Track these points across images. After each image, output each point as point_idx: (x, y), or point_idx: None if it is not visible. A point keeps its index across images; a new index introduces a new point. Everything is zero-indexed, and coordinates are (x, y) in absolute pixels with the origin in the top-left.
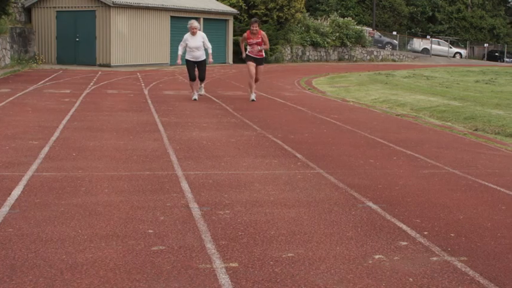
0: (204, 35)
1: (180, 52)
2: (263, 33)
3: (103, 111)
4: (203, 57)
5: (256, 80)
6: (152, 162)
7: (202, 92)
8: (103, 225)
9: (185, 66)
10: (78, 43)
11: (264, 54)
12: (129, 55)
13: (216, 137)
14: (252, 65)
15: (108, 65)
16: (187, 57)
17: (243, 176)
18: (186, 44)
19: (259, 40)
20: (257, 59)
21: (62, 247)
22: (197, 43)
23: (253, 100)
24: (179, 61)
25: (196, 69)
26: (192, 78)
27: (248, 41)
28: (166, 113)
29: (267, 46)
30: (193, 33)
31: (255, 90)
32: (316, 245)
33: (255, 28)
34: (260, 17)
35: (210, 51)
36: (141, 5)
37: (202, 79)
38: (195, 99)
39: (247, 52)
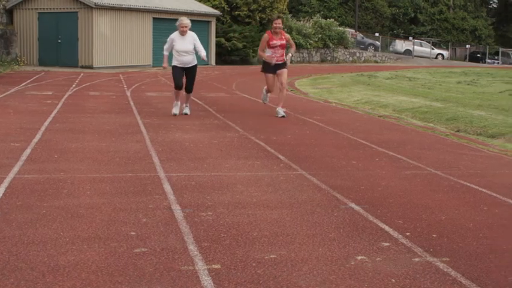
0: (195, 35)
1: (165, 52)
2: (287, 35)
3: (85, 113)
4: (194, 63)
5: (282, 87)
6: (134, 164)
7: (188, 111)
8: (85, 228)
9: (171, 70)
10: (60, 45)
11: (285, 58)
12: (111, 57)
13: (198, 138)
14: (270, 77)
15: (91, 67)
16: (174, 62)
17: (225, 178)
18: (173, 46)
19: (284, 42)
20: (279, 64)
21: (44, 249)
22: (187, 46)
23: (283, 116)
24: (165, 64)
25: (184, 77)
26: (178, 86)
27: (270, 42)
28: (148, 114)
29: (294, 47)
30: (183, 33)
31: (282, 105)
32: (299, 247)
33: (278, 25)
34: (243, 19)
35: (203, 54)
36: (123, 6)
37: (189, 90)
38: (174, 114)
39: (266, 58)
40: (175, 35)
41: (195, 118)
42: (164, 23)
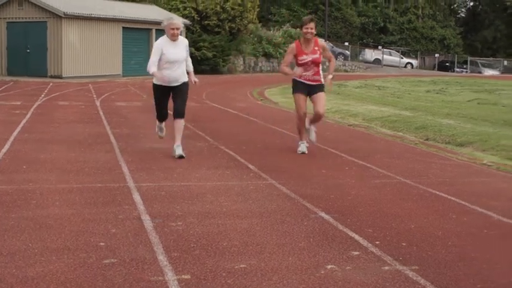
0: (187, 43)
1: (153, 68)
2: (322, 43)
3: (54, 123)
4: (183, 79)
5: (318, 118)
6: (104, 174)
7: (181, 151)
8: (54, 239)
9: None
10: (29, 54)
11: (322, 78)
12: (80, 66)
13: (168, 148)
14: (300, 98)
15: (60, 77)
16: (156, 80)
17: (195, 188)
18: (161, 57)
19: (317, 56)
20: (311, 85)
21: (12, 261)
22: (180, 55)
23: (303, 153)
24: (156, 72)
25: (170, 99)
26: (162, 117)
27: (299, 57)
28: (118, 124)
29: (333, 63)
30: (174, 38)
31: (307, 139)
32: (269, 256)
33: (310, 31)
34: (212, 28)
35: (191, 68)
36: (92, 16)
37: (180, 113)
38: (160, 137)
39: (295, 74)
40: (163, 40)
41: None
42: (134, 32)
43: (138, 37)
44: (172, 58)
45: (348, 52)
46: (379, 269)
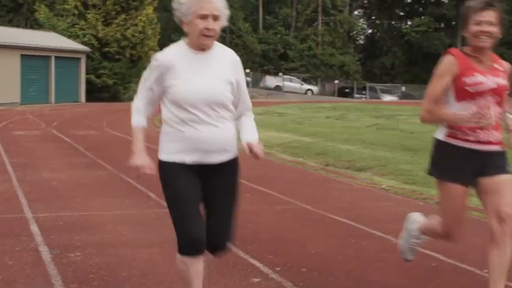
0: (238, 62)
1: (137, 113)
2: (507, 64)
3: None
4: (231, 153)
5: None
6: (0, 205)
7: None
8: None
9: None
10: None
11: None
12: None
13: (67, 177)
14: (459, 192)
15: None
16: (170, 153)
17: (94, 217)
18: (167, 88)
19: (503, 81)
20: (486, 154)
21: None
22: (220, 84)
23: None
24: (139, 161)
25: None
26: (194, 239)
27: (466, 77)
28: (15, 153)
29: None
30: (207, 41)
31: (404, 256)
32: (169, 285)
33: (486, 29)
34: (113, 55)
35: (250, 121)
36: None
37: (219, 245)
38: None
39: (447, 134)
40: (177, 52)
41: (63, 157)
42: (33, 60)
43: (36, 64)
44: (202, 95)
45: (249, 79)
46: None
